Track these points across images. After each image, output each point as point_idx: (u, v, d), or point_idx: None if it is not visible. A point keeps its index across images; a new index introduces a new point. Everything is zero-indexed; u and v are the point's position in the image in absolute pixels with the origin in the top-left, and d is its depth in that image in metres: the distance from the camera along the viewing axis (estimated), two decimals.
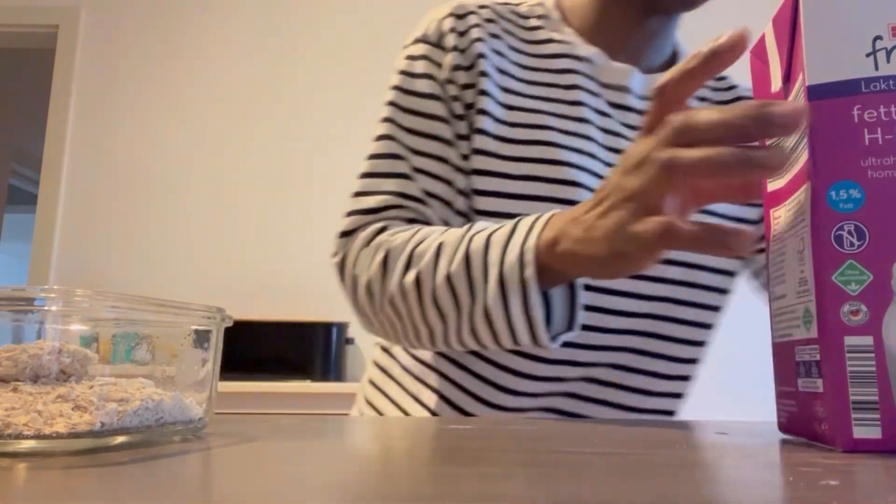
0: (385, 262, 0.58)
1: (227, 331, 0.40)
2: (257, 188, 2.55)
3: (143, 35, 2.66)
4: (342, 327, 2.26)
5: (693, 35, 0.80)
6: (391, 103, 0.66)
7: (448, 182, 0.64)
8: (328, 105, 2.58)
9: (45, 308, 0.31)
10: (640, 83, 0.67)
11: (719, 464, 0.29)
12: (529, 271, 0.48)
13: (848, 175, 0.33)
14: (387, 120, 0.66)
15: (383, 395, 0.71)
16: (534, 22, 0.70)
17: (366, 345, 2.43)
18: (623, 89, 0.66)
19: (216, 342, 0.39)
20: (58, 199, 2.53)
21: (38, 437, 0.29)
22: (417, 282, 0.55)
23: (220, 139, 2.59)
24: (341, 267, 0.63)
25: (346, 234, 0.63)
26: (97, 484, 0.23)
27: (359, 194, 0.64)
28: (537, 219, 0.51)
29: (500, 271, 0.50)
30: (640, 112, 0.67)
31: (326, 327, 2.20)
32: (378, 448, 0.34)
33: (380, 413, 0.70)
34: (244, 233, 2.52)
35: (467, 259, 0.52)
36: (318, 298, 2.43)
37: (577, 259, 0.46)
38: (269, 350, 2.14)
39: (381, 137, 0.66)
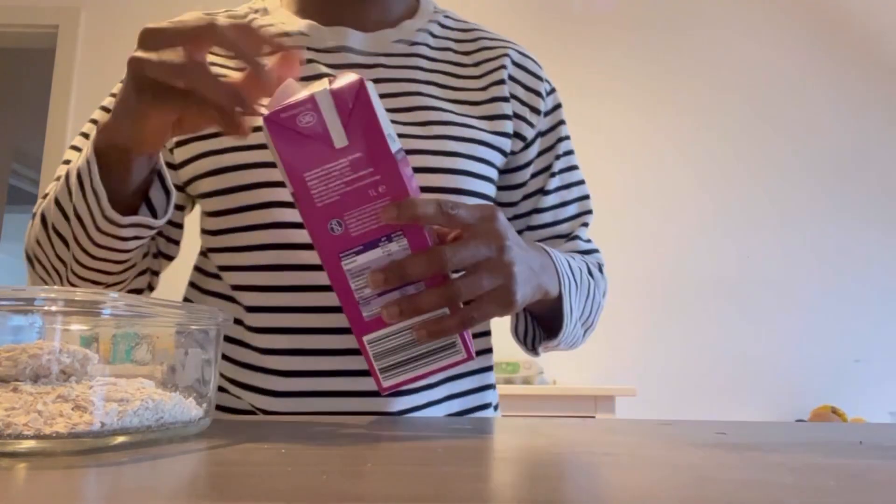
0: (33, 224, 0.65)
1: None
2: None
3: None
4: None
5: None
6: None
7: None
8: None
9: (45, 308, 0.31)
10: (360, 41, 0.70)
11: (719, 463, 0.29)
12: (90, 152, 0.53)
13: None
14: None
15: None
16: (251, 16, 0.74)
17: None
18: (341, 49, 0.70)
19: (216, 342, 0.39)
20: None
21: (38, 437, 0.29)
22: (43, 217, 0.61)
23: None
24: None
25: None
26: (97, 484, 0.23)
27: None
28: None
29: (76, 167, 0.55)
30: (367, 66, 0.70)
31: None
32: (377, 448, 0.34)
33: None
34: None
35: (67, 177, 0.57)
36: None
37: (111, 126, 0.51)
38: None
39: None
